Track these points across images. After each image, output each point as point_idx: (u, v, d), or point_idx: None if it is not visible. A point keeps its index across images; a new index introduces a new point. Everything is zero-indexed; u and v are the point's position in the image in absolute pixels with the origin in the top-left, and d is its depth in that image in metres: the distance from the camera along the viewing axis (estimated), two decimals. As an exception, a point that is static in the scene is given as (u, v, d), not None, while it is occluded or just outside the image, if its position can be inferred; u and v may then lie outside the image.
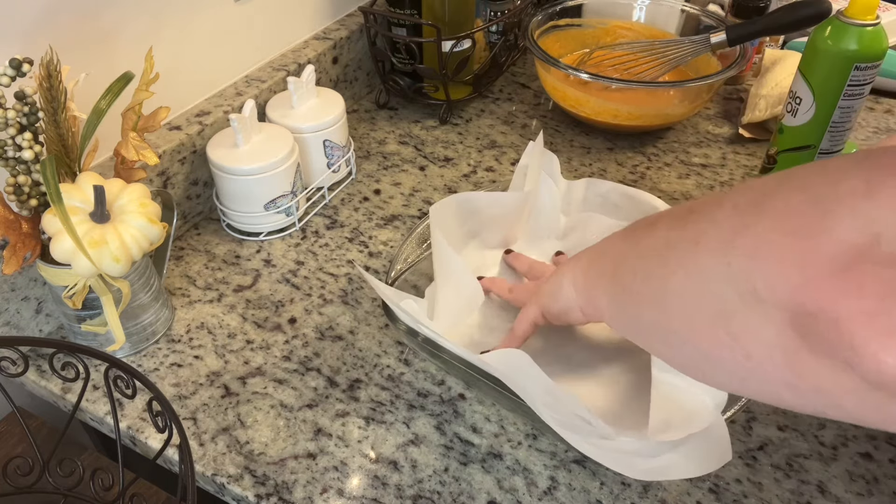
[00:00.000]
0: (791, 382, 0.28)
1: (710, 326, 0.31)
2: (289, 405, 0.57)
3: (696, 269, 0.33)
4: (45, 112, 0.51)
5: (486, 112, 0.94)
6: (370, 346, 0.62)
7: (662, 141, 0.88)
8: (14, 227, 0.52)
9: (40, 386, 0.60)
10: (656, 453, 0.47)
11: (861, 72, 0.66)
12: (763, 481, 0.52)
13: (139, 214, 0.54)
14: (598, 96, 0.84)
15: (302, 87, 0.75)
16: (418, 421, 0.56)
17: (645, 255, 0.39)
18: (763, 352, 0.29)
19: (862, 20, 0.64)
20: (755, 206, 0.30)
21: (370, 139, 0.89)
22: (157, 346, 0.62)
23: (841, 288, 0.25)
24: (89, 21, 0.61)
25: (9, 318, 0.60)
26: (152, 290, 0.61)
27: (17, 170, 0.52)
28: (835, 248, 0.25)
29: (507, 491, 0.52)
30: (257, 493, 0.51)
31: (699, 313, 0.32)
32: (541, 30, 0.93)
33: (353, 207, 0.78)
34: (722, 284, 0.30)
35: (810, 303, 0.26)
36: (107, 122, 0.55)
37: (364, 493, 0.51)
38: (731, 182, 0.81)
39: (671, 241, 0.36)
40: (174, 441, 0.48)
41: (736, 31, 0.82)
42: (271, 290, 0.68)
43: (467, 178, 0.82)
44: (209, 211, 0.77)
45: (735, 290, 0.29)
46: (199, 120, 0.72)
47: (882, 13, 0.98)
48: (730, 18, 0.93)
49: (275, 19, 0.82)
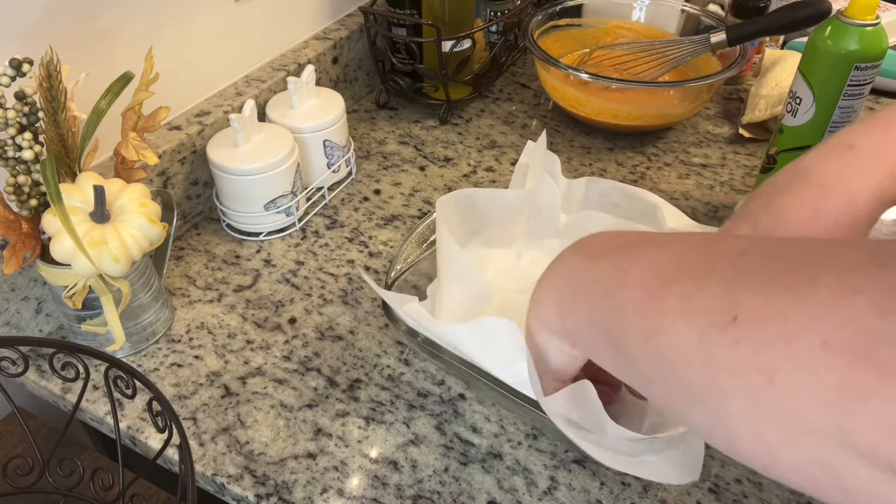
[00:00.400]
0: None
1: (789, 449, 0.26)
2: (289, 405, 0.57)
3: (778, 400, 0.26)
4: (45, 112, 0.51)
5: (486, 112, 0.94)
6: (370, 346, 0.62)
7: (662, 141, 0.88)
8: (14, 227, 0.52)
9: (40, 386, 0.60)
10: (638, 453, 0.46)
11: (861, 72, 0.66)
12: (763, 481, 0.52)
13: (139, 214, 0.54)
14: (598, 96, 0.84)
15: (302, 87, 0.75)
16: (418, 421, 0.56)
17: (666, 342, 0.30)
18: (856, 489, 0.25)
19: (862, 20, 0.64)
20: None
21: (370, 139, 0.89)
22: (157, 346, 0.62)
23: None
24: (89, 21, 0.61)
25: (9, 318, 0.60)
26: (152, 290, 0.61)
27: (17, 170, 0.52)
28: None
29: (507, 491, 0.52)
30: (257, 493, 0.51)
31: (774, 436, 0.26)
32: (541, 30, 0.93)
33: (353, 207, 0.78)
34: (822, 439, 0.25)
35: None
36: (107, 122, 0.55)
37: (364, 493, 0.51)
38: (731, 182, 0.81)
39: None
40: (174, 441, 0.48)
41: (736, 31, 0.82)
42: (271, 290, 0.68)
43: (467, 178, 0.82)
44: (209, 211, 0.77)
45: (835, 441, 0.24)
46: (199, 120, 0.72)
47: (882, 13, 0.98)
48: (730, 18, 0.93)
49: (275, 19, 0.82)
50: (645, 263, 0.33)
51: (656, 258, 0.33)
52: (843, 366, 0.23)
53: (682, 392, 0.29)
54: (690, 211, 0.76)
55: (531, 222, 0.67)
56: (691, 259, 0.31)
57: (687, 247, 0.32)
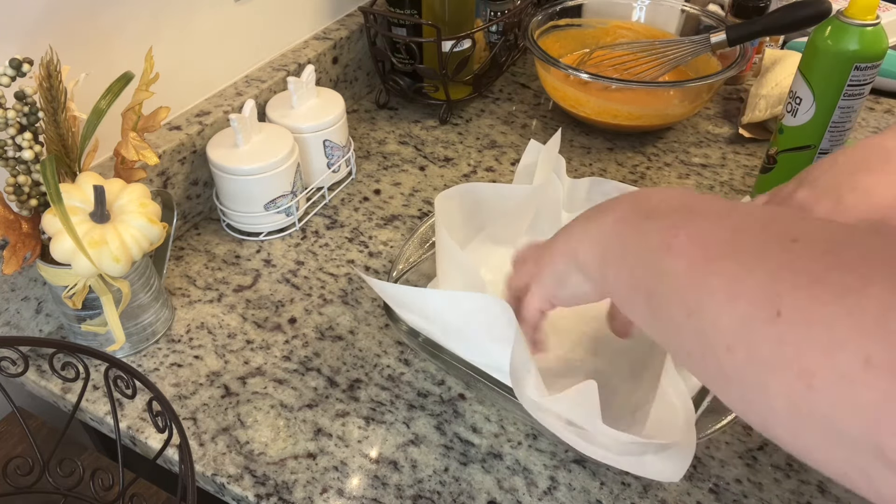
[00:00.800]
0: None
1: (824, 450, 0.26)
2: (289, 405, 0.57)
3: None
4: (45, 112, 0.51)
5: (486, 112, 0.94)
6: (370, 346, 0.62)
7: (662, 141, 0.88)
8: (14, 227, 0.52)
9: (40, 386, 0.60)
10: (628, 453, 0.47)
11: (861, 72, 0.66)
12: (763, 481, 0.52)
13: (139, 214, 0.54)
14: (598, 96, 0.84)
15: (302, 87, 0.75)
16: (418, 421, 0.56)
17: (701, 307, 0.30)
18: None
19: (862, 20, 0.64)
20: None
21: (370, 139, 0.89)
22: (157, 346, 0.62)
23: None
24: (89, 21, 0.61)
25: (9, 318, 0.60)
26: (152, 290, 0.61)
27: (17, 170, 0.52)
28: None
29: (507, 491, 0.52)
30: (257, 493, 0.51)
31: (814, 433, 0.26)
32: (541, 30, 0.93)
33: (353, 207, 0.78)
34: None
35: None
36: (107, 122, 0.55)
37: (364, 493, 0.51)
38: (731, 182, 0.81)
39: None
40: (174, 441, 0.48)
41: (736, 31, 0.82)
42: (271, 290, 0.68)
43: (467, 178, 0.82)
44: (209, 211, 0.77)
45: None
46: (199, 120, 0.72)
47: (882, 13, 0.98)
48: (730, 18, 0.93)
49: (275, 19, 0.82)
50: (696, 233, 0.32)
51: (709, 229, 0.32)
52: (882, 386, 0.23)
53: (721, 374, 0.29)
54: (690, 211, 0.76)
55: (534, 220, 0.67)
56: (744, 237, 0.31)
57: (742, 222, 0.32)
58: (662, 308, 0.33)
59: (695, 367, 0.32)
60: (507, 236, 0.66)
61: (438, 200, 0.59)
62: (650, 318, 0.35)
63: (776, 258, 0.28)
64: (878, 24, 0.65)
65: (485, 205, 0.63)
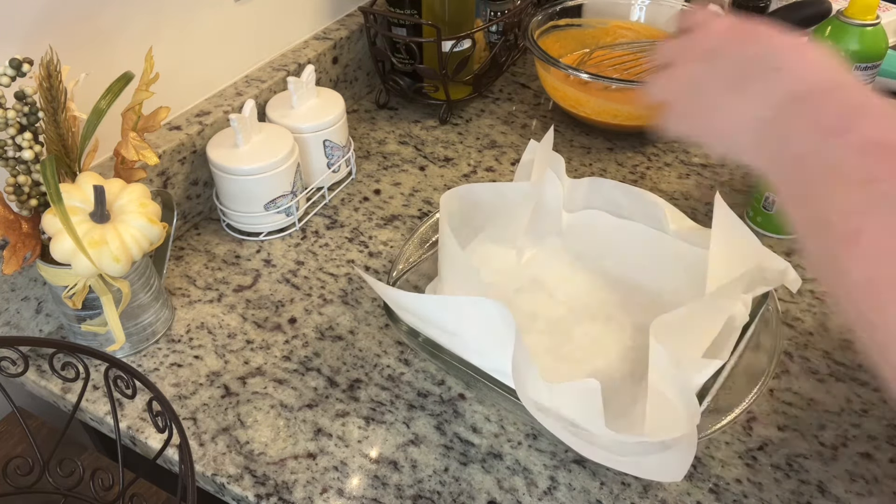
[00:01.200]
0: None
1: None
2: (289, 405, 0.57)
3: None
4: (45, 112, 0.51)
5: (486, 112, 0.94)
6: (370, 346, 0.62)
7: (662, 141, 0.88)
8: (14, 227, 0.52)
9: (40, 386, 0.60)
10: (627, 453, 0.47)
11: (861, 72, 0.66)
12: (763, 481, 0.52)
13: (139, 214, 0.54)
14: (598, 96, 0.84)
15: (302, 87, 0.75)
16: (418, 421, 0.56)
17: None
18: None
19: (862, 20, 0.64)
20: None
21: (370, 139, 0.89)
22: (157, 346, 0.62)
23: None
24: (89, 21, 0.61)
25: (9, 318, 0.60)
26: (152, 290, 0.61)
27: (17, 170, 0.52)
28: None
29: (507, 491, 0.52)
30: (257, 493, 0.51)
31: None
32: (541, 30, 0.93)
33: (353, 207, 0.78)
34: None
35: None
36: (107, 122, 0.55)
37: (364, 493, 0.51)
38: (731, 182, 0.81)
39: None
40: (174, 441, 0.48)
41: (736, 31, 0.82)
42: (271, 290, 0.68)
43: (467, 179, 0.82)
44: (209, 211, 0.77)
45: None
46: (199, 120, 0.72)
47: (882, 13, 0.98)
48: (730, 18, 0.93)
49: (275, 19, 0.82)
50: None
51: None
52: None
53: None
54: (690, 211, 0.76)
55: (534, 220, 0.67)
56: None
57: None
58: (829, 241, 0.35)
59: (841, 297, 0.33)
60: (506, 237, 0.66)
61: (443, 199, 0.59)
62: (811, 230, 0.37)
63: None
64: (878, 24, 0.65)
65: (484, 205, 0.64)
